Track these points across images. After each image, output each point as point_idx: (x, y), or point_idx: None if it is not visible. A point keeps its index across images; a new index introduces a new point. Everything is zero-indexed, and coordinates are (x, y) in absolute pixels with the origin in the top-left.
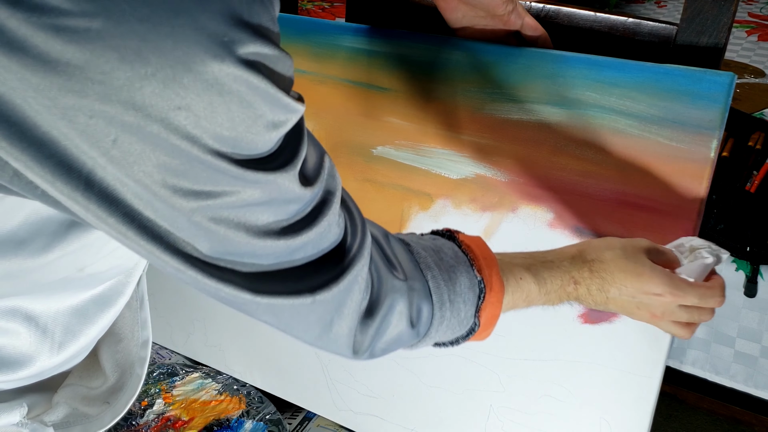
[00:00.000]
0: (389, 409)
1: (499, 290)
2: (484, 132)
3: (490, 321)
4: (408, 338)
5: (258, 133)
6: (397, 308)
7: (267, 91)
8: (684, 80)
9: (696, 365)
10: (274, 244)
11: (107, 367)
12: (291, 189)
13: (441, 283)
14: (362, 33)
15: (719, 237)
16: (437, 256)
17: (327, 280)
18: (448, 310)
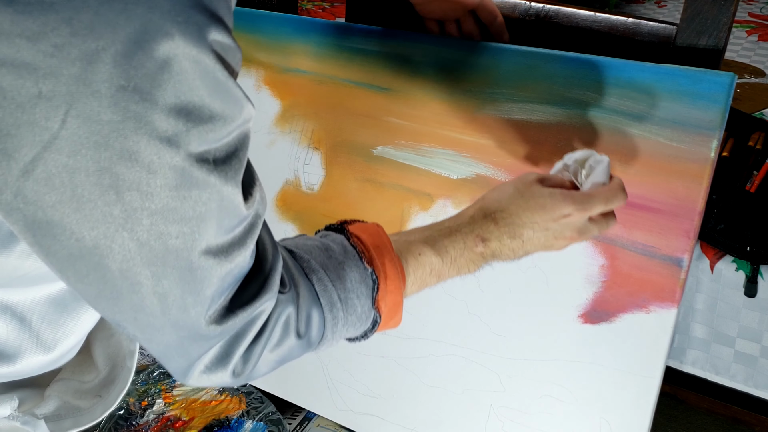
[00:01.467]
0: (389, 409)
1: (395, 276)
2: (484, 132)
3: (393, 309)
4: (298, 350)
5: (210, 121)
6: (281, 321)
7: (217, 78)
8: (684, 80)
9: (696, 365)
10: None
11: (99, 361)
12: (234, 200)
13: (328, 284)
14: (362, 33)
15: (719, 237)
16: (325, 255)
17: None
18: (341, 311)
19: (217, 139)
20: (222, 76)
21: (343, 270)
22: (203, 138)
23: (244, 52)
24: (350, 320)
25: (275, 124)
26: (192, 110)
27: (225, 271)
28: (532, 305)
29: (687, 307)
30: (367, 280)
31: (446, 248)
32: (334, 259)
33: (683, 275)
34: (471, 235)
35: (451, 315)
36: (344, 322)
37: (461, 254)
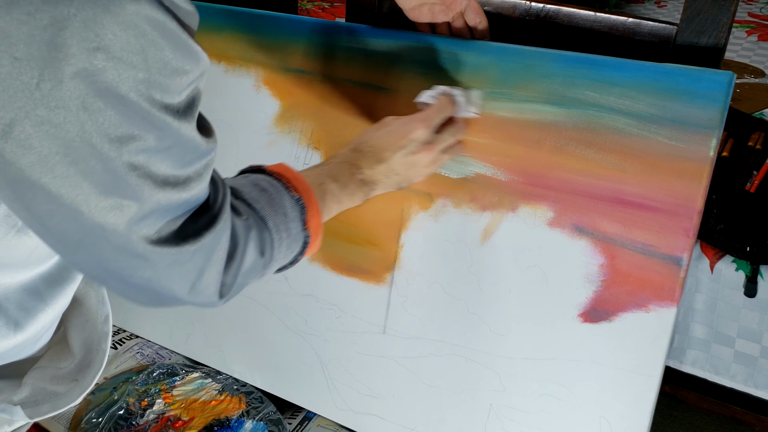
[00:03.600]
0: (389, 409)
1: (314, 202)
2: (484, 131)
3: (316, 231)
4: (258, 268)
5: (169, 76)
6: (250, 244)
7: (179, 36)
8: (683, 79)
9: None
10: (170, 196)
11: (75, 346)
12: (192, 139)
13: (270, 211)
14: (362, 33)
15: (719, 237)
16: (258, 189)
17: (202, 227)
18: (284, 231)
19: (179, 89)
20: (182, 35)
21: (276, 199)
22: (167, 88)
23: (245, 52)
24: (289, 241)
25: (275, 124)
26: (156, 65)
27: (185, 198)
28: (531, 304)
29: (687, 307)
30: (296, 206)
31: (338, 176)
32: (266, 191)
33: (683, 274)
34: (349, 164)
35: (451, 314)
36: (286, 243)
37: (349, 180)
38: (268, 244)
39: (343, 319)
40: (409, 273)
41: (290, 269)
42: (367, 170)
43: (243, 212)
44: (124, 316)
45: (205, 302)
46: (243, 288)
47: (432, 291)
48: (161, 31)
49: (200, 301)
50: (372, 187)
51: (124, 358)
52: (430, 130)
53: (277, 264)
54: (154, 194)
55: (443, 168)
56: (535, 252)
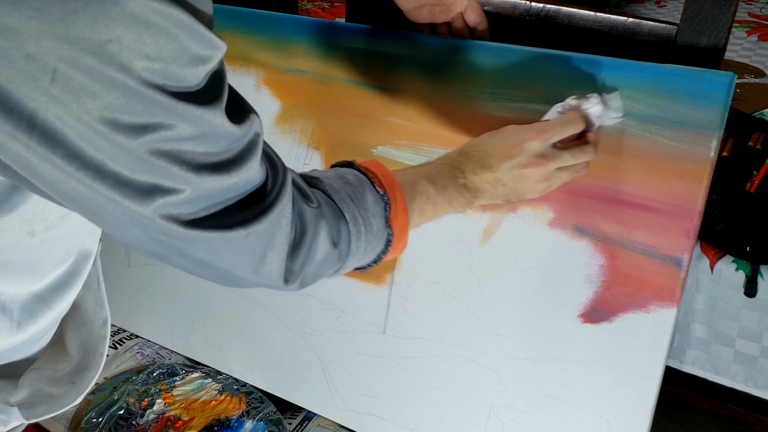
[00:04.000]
0: (389, 409)
1: (402, 200)
2: (484, 132)
3: (402, 231)
4: (333, 260)
5: (185, 65)
6: (320, 233)
7: (191, 26)
8: (684, 80)
9: (696, 365)
10: (210, 180)
11: (72, 348)
12: (220, 124)
13: (350, 203)
14: (362, 33)
15: (719, 237)
16: (342, 181)
17: (257, 213)
18: (362, 226)
19: (197, 77)
20: (194, 23)
21: (359, 193)
22: (184, 78)
23: (245, 52)
24: (369, 237)
25: (275, 124)
26: (170, 55)
27: (228, 183)
28: (532, 305)
29: (687, 307)
30: (380, 202)
31: (436, 178)
32: (350, 184)
33: (683, 275)
34: (452, 167)
35: (451, 315)
36: (365, 238)
37: (449, 183)
38: (344, 236)
39: (343, 320)
40: (410, 273)
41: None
42: (470, 175)
43: (315, 201)
44: (124, 316)
45: (272, 285)
46: (317, 279)
47: (432, 291)
48: (173, 21)
49: (267, 284)
50: (475, 195)
51: (124, 358)
52: (545, 142)
53: (357, 259)
54: (191, 179)
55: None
56: (535, 252)
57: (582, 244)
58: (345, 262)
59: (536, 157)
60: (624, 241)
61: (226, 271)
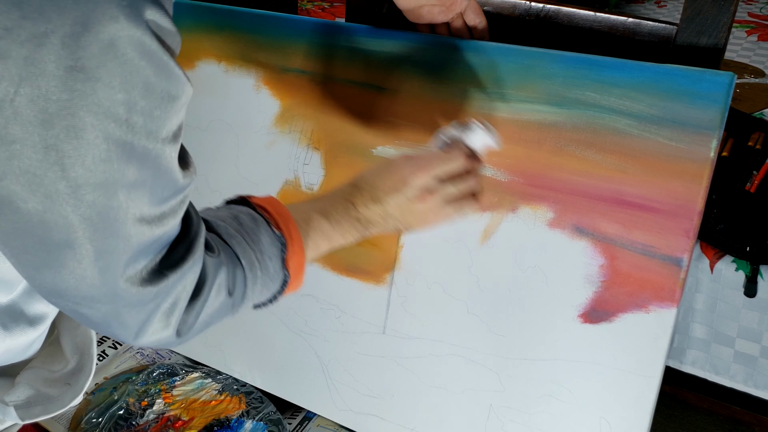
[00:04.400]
0: (389, 409)
1: (298, 239)
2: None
3: (297, 270)
4: (227, 308)
5: (151, 100)
6: (217, 283)
7: (162, 59)
8: (684, 80)
9: (696, 365)
10: (143, 232)
11: (68, 351)
12: (172, 169)
13: (246, 247)
14: (362, 33)
15: (719, 237)
16: (237, 223)
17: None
18: (259, 270)
19: (160, 116)
20: (164, 57)
21: (255, 235)
22: (148, 115)
23: (245, 52)
24: (265, 280)
25: (275, 125)
26: (137, 88)
27: (157, 235)
28: (531, 305)
29: (687, 307)
30: (276, 243)
31: (330, 212)
32: (246, 225)
33: (683, 275)
34: (345, 200)
35: (451, 315)
36: (261, 281)
37: (342, 217)
38: (240, 283)
39: (343, 320)
40: (409, 273)
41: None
42: (362, 208)
43: (215, 248)
44: None
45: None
46: (209, 327)
47: (432, 291)
48: (143, 53)
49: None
50: (366, 227)
51: (124, 358)
52: (430, 177)
53: (251, 302)
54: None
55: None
56: (535, 253)
57: (582, 245)
58: (240, 306)
59: (421, 191)
60: (624, 241)
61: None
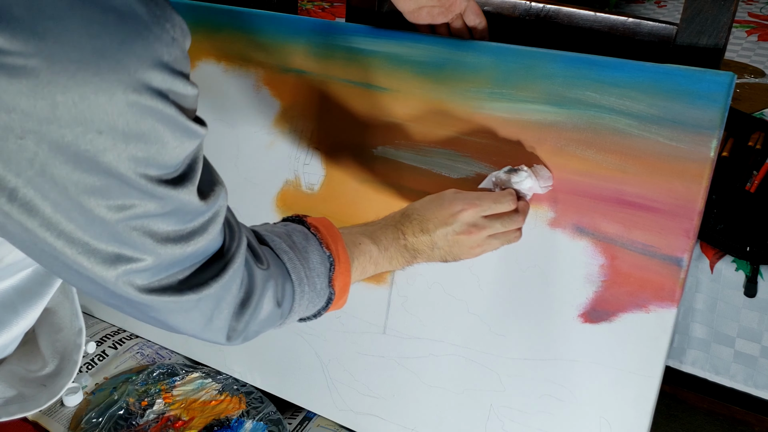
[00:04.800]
0: (389, 409)
1: (345, 260)
2: (484, 132)
3: (343, 289)
4: (275, 318)
5: (166, 154)
6: (267, 294)
7: (176, 120)
8: (684, 80)
9: (696, 365)
10: (172, 251)
11: (47, 354)
12: (191, 202)
13: (297, 263)
14: (362, 33)
15: (719, 237)
16: (290, 240)
17: (209, 278)
18: (306, 285)
19: (177, 163)
20: (180, 118)
21: (306, 252)
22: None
23: (245, 52)
24: (311, 296)
25: (275, 125)
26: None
27: (188, 252)
28: (532, 305)
29: (687, 307)
30: (326, 262)
31: (380, 238)
32: (298, 243)
33: (683, 275)
34: (395, 228)
35: (451, 315)
36: (309, 296)
37: (391, 244)
38: (288, 296)
39: (343, 319)
40: (410, 273)
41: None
42: (410, 237)
43: (266, 261)
44: (124, 316)
45: (215, 341)
46: (259, 334)
47: (432, 291)
48: (159, 118)
49: (210, 340)
50: (414, 255)
51: (124, 358)
52: (477, 215)
53: (298, 315)
54: (155, 249)
55: (443, 168)
56: (535, 252)
57: (582, 244)
58: (287, 318)
59: (469, 226)
60: (624, 241)
61: (173, 327)
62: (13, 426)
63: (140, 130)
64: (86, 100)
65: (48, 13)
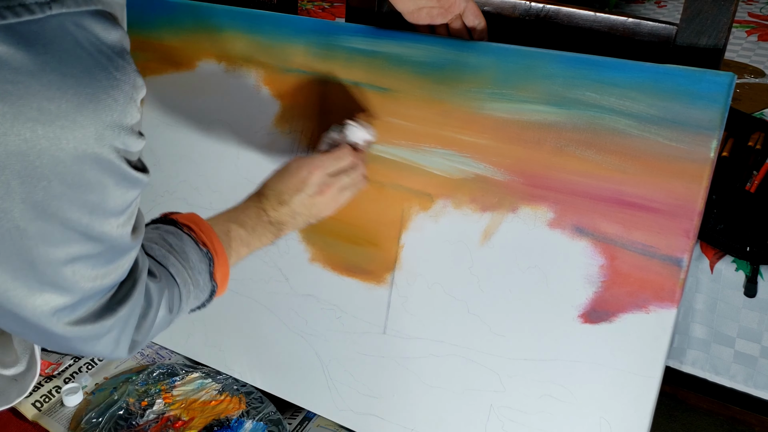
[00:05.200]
0: (389, 409)
1: (222, 252)
2: (484, 132)
3: (223, 279)
4: (167, 322)
5: (111, 201)
6: (162, 304)
7: (123, 172)
8: (684, 80)
9: (696, 365)
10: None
11: (20, 349)
12: (125, 243)
13: (179, 267)
14: (362, 33)
15: (719, 237)
16: (167, 244)
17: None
18: (191, 285)
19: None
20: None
21: (185, 253)
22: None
23: (245, 52)
24: (196, 292)
25: (275, 125)
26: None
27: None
28: (532, 305)
29: (687, 307)
30: (204, 259)
31: (245, 221)
32: (175, 245)
33: (683, 275)
34: (256, 208)
35: (451, 315)
36: (194, 294)
37: (257, 223)
38: (176, 300)
39: (343, 320)
40: (410, 273)
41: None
42: (271, 212)
43: (156, 273)
44: None
45: (117, 358)
46: (151, 339)
47: (432, 291)
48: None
49: (116, 357)
50: (280, 228)
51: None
52: (324, 174)
53: (185, 312)
54: (82, 287)
55: (443, 168)
56: (535, 253)
57: (582, 245)
58: (175, 318)
59: (320, 186)
60: (624, 242)
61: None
62: (13, 426)
63: (87, 181)
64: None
65: (9, 78)
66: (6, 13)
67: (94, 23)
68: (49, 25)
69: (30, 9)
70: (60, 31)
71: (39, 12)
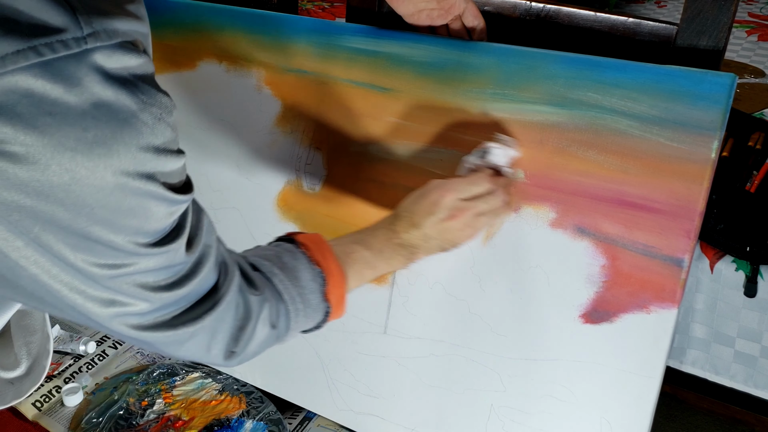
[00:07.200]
0: (389, 409)
1: (338, 273)
2: (486, 133)
3: (339, 300)
4: (272, 338)
5: (154, 223)
6: (261, 318)
7: (163, 196)
8: (685, 81)
9: (696, 365)
10: (164, 296)
11: (20, 353)
12: (179, 256)
13: (288, 284)
14: (362, 33)
15: (719, 237)
16: (280, 261)
17: (202, 312)
18: (300, 303)
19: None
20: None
21: (296, 271)
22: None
23: (246, 52)
24: (308, 312)
25: (276, 125)
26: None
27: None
28: (533, 305)
29: (687, 307)
30: (317, 278)
31: (371, 242)
32: (287, 263)
33: (684, 275)
34: (385, 230)
35: (452, 315)
36: (304, 313)
37: (384, 246)
38: (283, 316)
39: (343, 319)
40: (411, 273)
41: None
42: (403, 234)
43: (260, 286)
44: None
45: (214, 364)
46: (256, 355)
47: (433, 291)
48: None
49: (210, 363)
50: (412, 251)
51: (124, 358)
52: (456, 198)
53: (296, 331)
54: (148, 297)
55: (444, 169)
56: (536, 253)
57: (583, 245)
58: (286, 335)
59: (451, 210)
60: (625, 242)
61: (171, 355)
62: (13, 426)
63: (129, 207)
64: (79, 183)
65: (47, 110)
66: (45, 50)
67: (122, 53)
68: (84, 58)
69: (67, 45)
70: (93, 63)
71: (75, 47)
